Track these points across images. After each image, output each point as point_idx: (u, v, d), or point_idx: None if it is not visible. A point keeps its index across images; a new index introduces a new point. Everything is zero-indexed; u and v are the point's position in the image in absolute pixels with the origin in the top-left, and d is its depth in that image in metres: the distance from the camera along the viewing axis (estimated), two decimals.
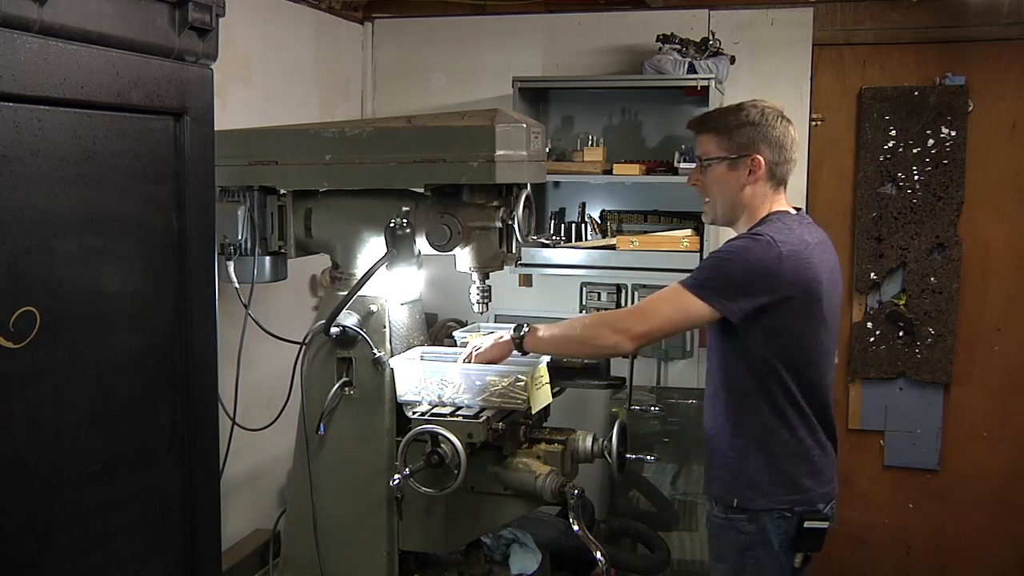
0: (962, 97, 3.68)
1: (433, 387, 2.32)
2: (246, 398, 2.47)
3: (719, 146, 2.34)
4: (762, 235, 2.24)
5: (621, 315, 2.39)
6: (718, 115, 2.45)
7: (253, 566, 3.08)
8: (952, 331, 3.77)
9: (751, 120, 2.31)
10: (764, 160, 2.30)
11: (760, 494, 2.29)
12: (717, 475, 2.38)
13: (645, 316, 2.28)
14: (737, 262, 2.21)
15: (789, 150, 2.34)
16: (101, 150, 1.40)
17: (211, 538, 1.69)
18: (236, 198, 2.45)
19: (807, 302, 2.24)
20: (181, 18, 1.52)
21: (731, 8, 3.80)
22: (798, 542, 2.29)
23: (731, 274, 2.21)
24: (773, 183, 2.34)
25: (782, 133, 2.32)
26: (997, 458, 3.83)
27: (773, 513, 2.29)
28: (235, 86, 3.18)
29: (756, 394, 2.28)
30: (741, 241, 2.27)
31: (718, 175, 2.35)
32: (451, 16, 4.08)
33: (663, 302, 2.27)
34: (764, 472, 2.29)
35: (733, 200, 2.35)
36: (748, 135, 2.31)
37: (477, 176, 2.22)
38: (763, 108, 2.34)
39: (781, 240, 2.22)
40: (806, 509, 2.29)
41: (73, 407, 1.38)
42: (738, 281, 2.20)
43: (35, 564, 1.34)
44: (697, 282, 2.23)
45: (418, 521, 2.41)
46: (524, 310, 3.82)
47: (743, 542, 2.31)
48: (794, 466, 2.29)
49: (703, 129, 2.40)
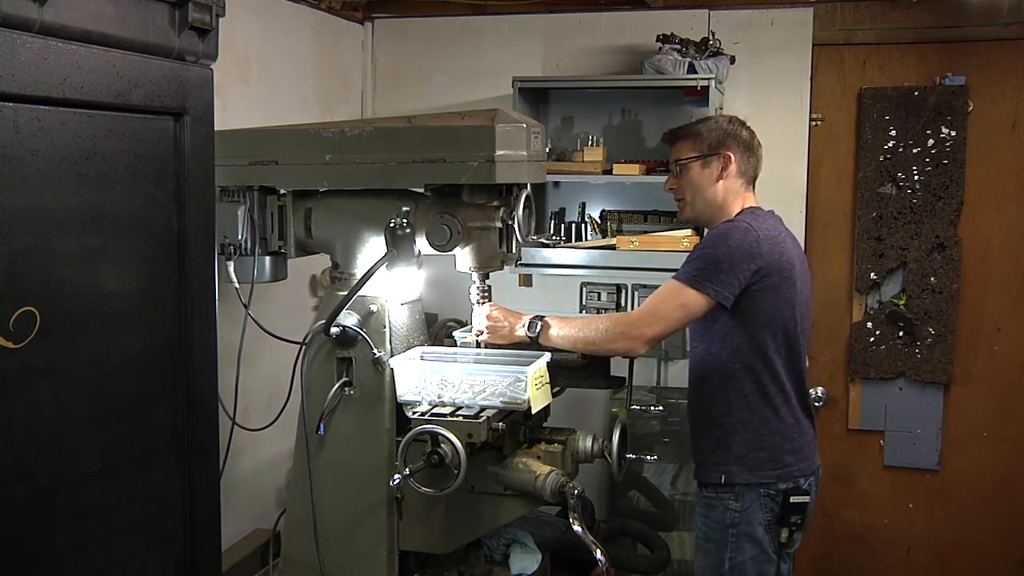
0: (962, 97, 3.68)
1: (433, 387, 2.32)
2: (246, 398, 2.47)
3: (692, 147, 2.57)
4: (738, 222, 2.46)
5: (631, 319, 2.45)
6: (689, 124, 2.68)
7: (253, 566, 3.08)
8: (952, 331, 3.77)
9: (719, 125, 2.57)
10: (734, 157, 2.53)
11: (746, 468, 2.46)
12: (703, 456, 2.55)
13: (653, 318, 2.40)
14: (721, 247, 2.40)
15: (756, 151, 2.59)
16: (101, 150, 1.40)
17: (211, 538, 1.69)
18: (236, 198, 2.45)
19: (782, 282, 2.43)
20: (181, 18, 1.53)
21: (731, 8, 3.80)
22: (783, 517, 2.46)
23: (718, 260, 2.38)
24: (744, 180, 2.57)
25: (748, 136, 2.58)
26: (997, 458, 3.83)
27: (759, 489, 2.46)
28: (235, 86, 3.18)
29: (740, 375, 2.47)
30: (720, 229, 2.47)
31: (693, 174, 2.57)
32: (451, 16, 4.08)
33: (664, 301, 2.41)
34: (749, 448, 2.46)
35: (707, 198, 2.56)
36: (718, 136, 2.55)
37: (477, 176, 2.22)
38: (730, 117, 2.64)
39: (756, 225, 2.44)
40: (789, 486, 2.46)
41: (73, 407, 1.38)
42: (725, 266, 2.37)
43: (35, 564, 1.34)
44: (690, 275, 2.39)
45: (418, 521, 2.41)
46: (524, 310, 3.81)
47: (729, 519, 2.48)
48: (776, 443, 2.47)
49: (676, 138, 2.63)
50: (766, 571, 2.49)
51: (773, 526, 2.48)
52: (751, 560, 2.47)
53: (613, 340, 2.39)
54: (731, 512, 2.47)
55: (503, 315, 2.47)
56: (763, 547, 2.47)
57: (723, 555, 2.49)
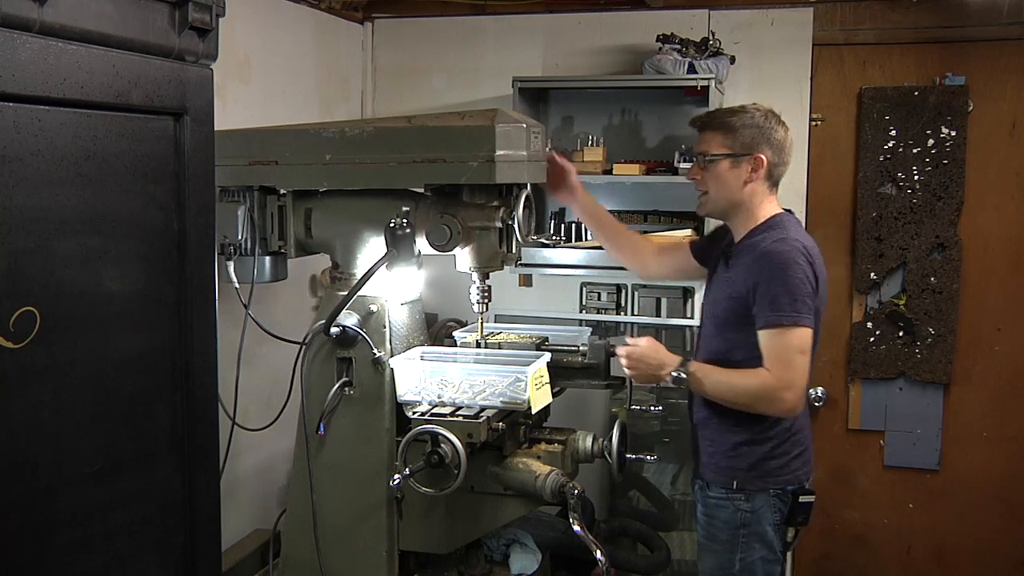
0: (962, 97, 3.68)
1: (433, 387, 2.32)
2: (246, 398, 2.47)
3: (723, 143, 2.44)
4: (788, 240, 2.37)
5: (775, 386, 2.33)
6: (723, 114, 2.53)
7: (253, 566, 3.08)
8: (952, 331, 3.77)
9: (755, 122, 2.42)
10: (766, 160, 2.42)
11: (760, 476, 2.45)
12: (715, 459, 2.51)
13: (791, 376, 2.32)
14: (797, 273, 2.32)
15: (787, 153, 2.47)
16: (101, 150, 1.40)
17: (211, 538, 1.69)
18: (236, 198, 2.45)
19: (821, 294, 2.40)
20: (181, 18, 1.53)
21: (731, 8, 3.80)
22: (791, 517, 2.47)
23: (800, 288, 2.31)
24: (770, 183, 2.47)
25: (782, 137, 2.45)
26: (997, 458, 3.83)
27: (769, 492, 2.45)
28: (235, 86, 3.18)
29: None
30: (780, 252, 2.34)
31: (720, 171, 2.45)
32: (451, 16, 4.08)
33: (790, 351, 2.32)
34: (766, 457, 2.44)
35: (733, 197, 2.46)
36: (752, 135, 2.42)
37: (477, 176, 2.22)
38: (766, 112, 2.46)
39: (804, 244, 2.38)
40: (796, 488, 2.47)
41: (73, 407, 1.38)
42: (807, 291, 2.33)
43: (35, 564, 1.34)
44: (789, 313, 2.30)
45: (418, 521, 2.41)
46: (524, 310, 3.82)
47: (738, 519, 2.46)
48: (787, 450, 2.46)
49: (707, 127, 2.49)
50: (773, 571, 2.49)
51: (781, 526, 2.48)
52: (760, 560, 2.47)
53: (765, 410, 2.39)
54: (742, 512, 2.46)
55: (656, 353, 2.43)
56: (772, 547, 2.47)
57: (733, 555, 2.47)
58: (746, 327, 2.38)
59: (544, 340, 2.60)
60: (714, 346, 2.49)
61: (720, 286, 2.52)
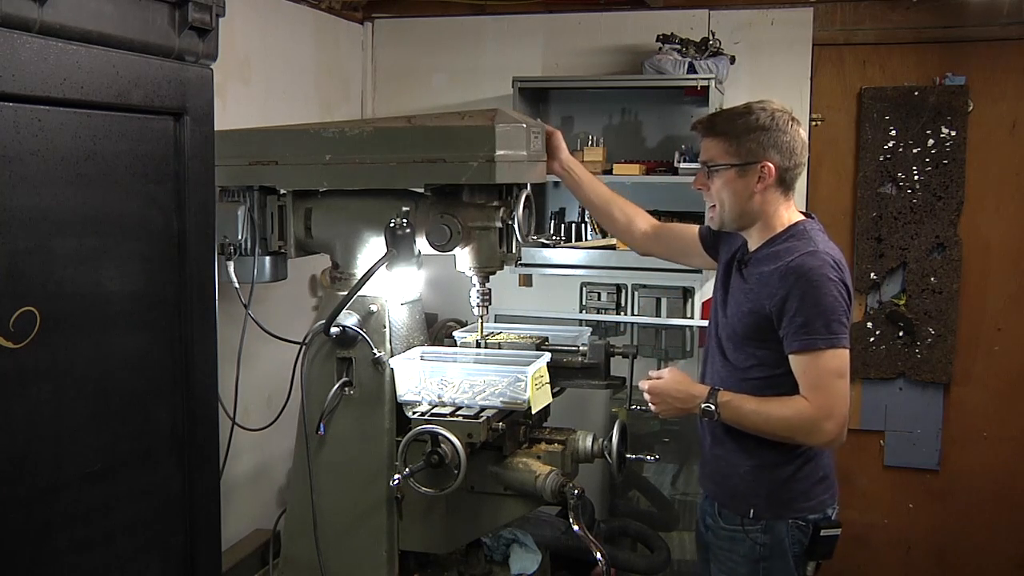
0: (962, 97, 3.68)
1: (433, 387, 2.32)
2: (246, 398, 2.47)
3: (727, 152, 2.24)
4: (818, 253, 2.19)
5: (814, 416, 2.16)
6: (725, 118, 2.31)
7: (253, 566, 3.08)
8: (952, 331, 3.77)
9: (761, 125, 2.21)
10: (775, 167, 2.22)
11: (778, 504, 2.27)
12: (731, 483, 2.33)
13: (831, 403, 2.17)
14: (831, 290, 2.16)
15: (799, 155, 2.26)
16: (101, 150, 1.40)
17: (211, 538, 1.69)
18: (236, 198, 2.45)
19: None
20: (181, 18, 1.53)
21: (731, 8, 3.80)
22: (812, 550, 2.27)
23: (835, 306, 2.15)
24: (783, 189, 2.27)
25: (792, 137, 2.24)
26: (997, 458, 3.83)
27: (788, 522, 2.27)
28: (235, 86, 3.18)
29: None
30: (811, 268, 2.17)
31: (725, 182, 2.26)
32: (451, 16, 4.08)
33: (827, 376, 2.17)
34: (784, 483, 2.27)
35: (742, 208, 2.27)
36: (757, 141, 2.21)
37: (477, 176, 2.22)
38: (772, 111, 2.24)
39: (834, 257, 2.21)
40: (819, 517, 2.28)
41: (73, 407, 1.38)
42: (842, 308, 2.17)
43: (35, 564, 1.34)
44: (825, 335, 2.15)
45: (418, 521, 2.41)
46: (524, 310, 3.82)
47: (757, 553, 2.28)
48: (808, 475, 2.28)
49: (709, 132, 2.29)
50: None
51: (801, 558, 2.29)
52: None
53: (805, 441, 2.22)
54: (759, 547, 2.28)
55: (680, 386, 2.30)
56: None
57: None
58: (770, 343, 2.21)
59: (544, 340, 2.60)
60: (732, 361, 2.32)
61: (737, 298, 2.32)
